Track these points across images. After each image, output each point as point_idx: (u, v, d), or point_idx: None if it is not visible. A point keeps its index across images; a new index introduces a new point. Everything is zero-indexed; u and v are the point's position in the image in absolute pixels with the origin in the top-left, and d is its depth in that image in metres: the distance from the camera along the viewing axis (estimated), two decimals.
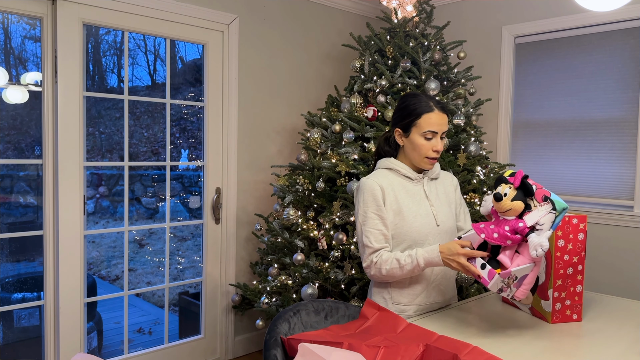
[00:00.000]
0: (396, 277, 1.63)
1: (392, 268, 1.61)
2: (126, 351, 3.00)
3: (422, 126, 1.64)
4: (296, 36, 3.59)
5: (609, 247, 3.07)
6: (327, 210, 2.73)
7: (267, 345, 1.36)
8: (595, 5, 1.71)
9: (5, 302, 3.23)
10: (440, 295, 1.76)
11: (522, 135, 3.49)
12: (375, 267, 1.64)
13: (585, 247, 1.60)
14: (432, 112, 1.64)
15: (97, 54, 5.88)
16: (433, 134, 1.64)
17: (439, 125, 1.64)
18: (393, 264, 1.61)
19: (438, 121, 1.64)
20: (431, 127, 1.63)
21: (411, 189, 1.71)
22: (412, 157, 1.69)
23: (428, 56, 2.91)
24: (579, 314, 1.61)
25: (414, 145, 1.66)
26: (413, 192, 1.71)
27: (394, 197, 1.67)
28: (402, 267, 1.60)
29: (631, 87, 3.00)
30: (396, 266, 1.60)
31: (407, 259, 1.59)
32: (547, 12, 3.31)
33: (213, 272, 3.28)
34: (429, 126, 1.63)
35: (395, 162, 1.73)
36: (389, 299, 1.71)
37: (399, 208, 1.66)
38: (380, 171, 1.73)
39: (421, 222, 1.67)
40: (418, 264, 1.57)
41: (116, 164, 3.06)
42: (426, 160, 1.67)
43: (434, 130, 1.63)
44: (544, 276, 1.61)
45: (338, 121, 2.87)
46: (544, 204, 1.40)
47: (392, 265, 1.61)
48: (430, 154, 1.66)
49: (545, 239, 1.34)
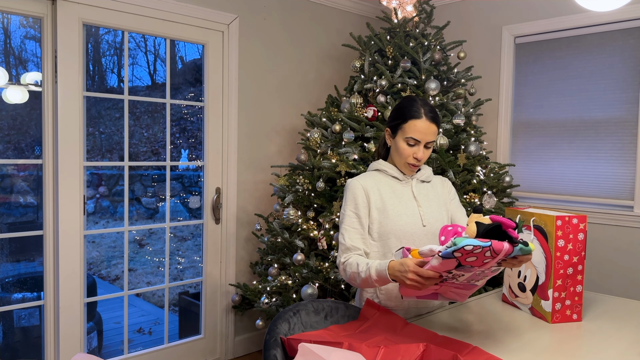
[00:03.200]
0: (355, 283, 1.58)
1: (352, 272, 1.56)
2: (126, 351, 3.00)
3: (406, 131, 1.63)
4: (296, 36, 3.59)
5: (609, 247, 3.07)
6: (327, 210, 2.73)
7: (267, 345, 1.36)
8: (595, 5, 1.71)
9: (5, 302, 3.23)
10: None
11: (522, 135, 3.49)
12: (342, 268, 1.62)
13: (585, 247, 1.60)
14: (420, 119, 1.61)
15: (97, 54, 5.88)
16: (415, 142, 1.62)
17: (423, 134, 1.61)
18: (353, 268, 1.56)
19: (423, 130, 1.61)
20: (414, 134, 1.61)
21: (399, 189, 1.71)
22: (395, 159, 1.70)
23: (428, 56, 2.91)
24: (579, 314, 1.61)
25: (397, 148, 1.67)
26: (400, 192, 1.71)
27: (379, 195, 1.67)
28: (358, 274, 1.54)
29: (631, 87, 3.00)
30: (355, 271, 1.55)
31: (364, 267, 1.53)
32: (547, 12, 3.31)
33: (213, 272, 3.28)
34: (413, 133, 1.61)
35: (384, 163, 1.74)
36: (378, 302, 1.67)
37: (384, 206, 1.66)
38: (369, 173, 1.75)
39: (406, 221, 1.66)
40: (370, 275, 1.49)
41: (116, 164, 3.06)
42: (407, 165, 1.67)
43: (416, 138, 1.61)
44: (544, 276, 1.61)
45: (338, 121, 2.87)
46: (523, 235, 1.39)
47: (352, 270, 1.57)
48: (410, 160, 1.65)
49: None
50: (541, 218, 1.62)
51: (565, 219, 1.56)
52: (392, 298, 1.67)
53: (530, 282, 1.68)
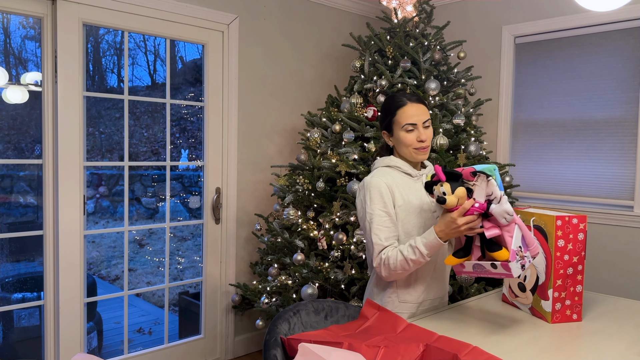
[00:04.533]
0: (406, 270, 1.60)
1: (400, 261, 1.58)
2: (126, 351, 3.00)
3: (400, 121, 1.68)
4: (296, 36, 3.59)
5: (609, 247, 3.07)
6: (327, 210, 2.73)
7: (267, 345, 1.36)
8: (595, 5, 1.71)
9: (5, 302, 3.23)
10: (440, 290, 1.79)
11: (522, 135, 3.49)
12: (385, 265, 1.62)
13: (585, 247, 1.60)
14: (405, 105, 1.68)
15: (97, 54, 5.87)
16: (413, 126, 1.66)
17: (415, 116, 1.66)
18: (398, 257, 1.59)
19: (413, 112, 1.66)
20: (408, 119, 1.66)
21: (412, 185, 1.72)
22: (404, 153, 1.71)
23: (428, 56, 2.91)
24: (579, 314, 1.61)
25: (400, 141, 1.69)
26: (415, 189, 1.72)
27: (400, 194, 1.68)
28: (407, 260, 1.57)
29: (631, 87, 3.00)
30: (402, 259, 1.58)
31: (408, 250, 1.57)
32: (547, 12, 3.31)
33: (213, 272, 3.28)
34: (406, 119, 1.66)
35: (395, 159, 1.74)
36: (396, 297, 1.71)
37: (405, 205, 1.68)
38: (380, 170, 1.74)
39: (425, 217, 1.69)
40: (420, 252, 1.55)
41: (116, 164, 3.06)
42: (415, 151, 1.69)
43: (411, 122, 1.66)
44: (544, 276, 1.61)
45: (338, 121, 2.87)
46: (478, 177, 1.43)
47: (398, 260, 1.59)
48: (416, 145, 1.68)
49: (505, 204, 1.39)
50: (541, 218, 1.62)
51: (565, 219, 1.56)
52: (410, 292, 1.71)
53: (530, 282, 1.68)
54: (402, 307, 1.71)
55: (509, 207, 1.38)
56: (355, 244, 2.59)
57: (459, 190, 1.42)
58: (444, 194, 1.43)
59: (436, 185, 1.45)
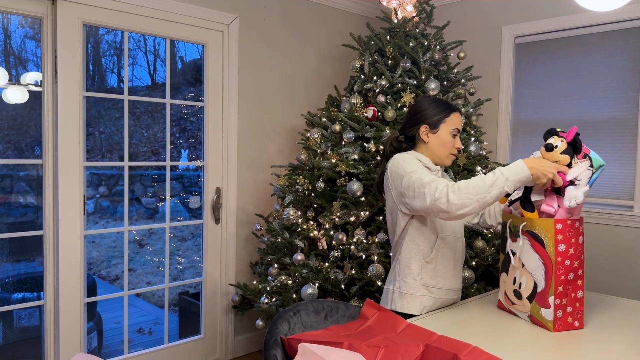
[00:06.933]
0: (472, 199, 1.48)
1: (472, 182, 1.49)
2: (126, 351, 3.00)
3: (451, 124, 1.78)
4: (296, 36, 3.59)
5: (609, 247, 3.07)
6: (327, 210, 2.73)
7: (267, 345, 1.36)
8: (595, 5, 1.71)
9: (5, 302, 3.23)
10: (458, 282, 1.86)
11: (522, 135, 3.49)
12: (452, 191, 1.50)
13: (584, 250, 1.56)
14: (457, 112, 1.80)
15: (97, 54, 5.87)
16: (458, 132, 1.79)
17: (460, 125, 1.81)
18: (472, 180, 1.50)
19: (460, 121, 1.81)
20: (458, 125, 1.79)
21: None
22: (438, 153, 1.78)
23: (428, 56, 2.91)
24: (581, 320, 1.55)
25: (442, 141, 1.77)
26: None
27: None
28: (483, 180, 1.49)
29: (631, 87, 3.00)
30: (475, 180, 1.49)
31: (490, 175, 1.50)
32: (547, 12, 3.31)
33: (213, 272, 3.28)
34: (456, 124, 1.78)
35: (421, 154, 1.80)
36: (419, 279, 1.75)
37: None
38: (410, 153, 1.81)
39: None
40: (501, 172, 1.48)
41: (116, 164, 3.06)
42: (450, 156, 1.79)
43: (459, 128, 1.79)
44: (544, 283, 1.54)
45: (338, 121, 2.87)
46: (583, 160, 1.50)
47: (472, 180, 1.50)
48: (454, 151, 1.80)
49: (581, 193, 1.44)
50: (538, 223, 1.55)
51: (566, 222, 1.51)
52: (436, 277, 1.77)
53: (526, 290, 1.60)
54: (424, 291, 1.76)
55: (581, 199, 1.44)
56: (355, 244, 2.59)
57: (564, 157, 1.51)
58: (556, 146, 1.52)
59: (555, 136, 1.55)
